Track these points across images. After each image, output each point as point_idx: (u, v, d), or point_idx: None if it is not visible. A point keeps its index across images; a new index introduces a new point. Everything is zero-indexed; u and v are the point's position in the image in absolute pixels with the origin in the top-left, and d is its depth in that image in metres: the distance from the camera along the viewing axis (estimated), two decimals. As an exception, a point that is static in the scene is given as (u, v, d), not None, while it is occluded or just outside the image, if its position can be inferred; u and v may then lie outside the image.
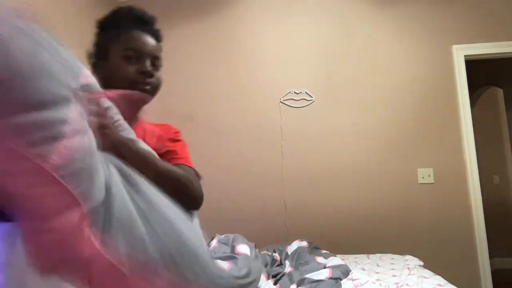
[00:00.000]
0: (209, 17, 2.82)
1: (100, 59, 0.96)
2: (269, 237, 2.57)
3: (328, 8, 2.69)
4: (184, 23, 2.83)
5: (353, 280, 1.53)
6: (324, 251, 2.06)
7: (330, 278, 1.53)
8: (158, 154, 0.87)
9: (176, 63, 2.81)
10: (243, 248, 1.71)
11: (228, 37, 2.78)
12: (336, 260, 1.77)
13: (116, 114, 0.75)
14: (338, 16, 2.68)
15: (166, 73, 3.17)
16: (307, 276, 1.56)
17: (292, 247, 2.06)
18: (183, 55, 2.81)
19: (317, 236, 2.51)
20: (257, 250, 1.83)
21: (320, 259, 1.83)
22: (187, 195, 0.85)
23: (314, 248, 2.08)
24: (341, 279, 1.54)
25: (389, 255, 2.08)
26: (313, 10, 2.70)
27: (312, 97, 2.65)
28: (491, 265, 2.46)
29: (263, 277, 1.62)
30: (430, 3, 2.60)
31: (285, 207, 2.60)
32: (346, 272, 1.63)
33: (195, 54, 2.80)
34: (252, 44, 2.75)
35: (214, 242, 1.66)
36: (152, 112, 3.33)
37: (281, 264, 1.94)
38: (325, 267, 1.70)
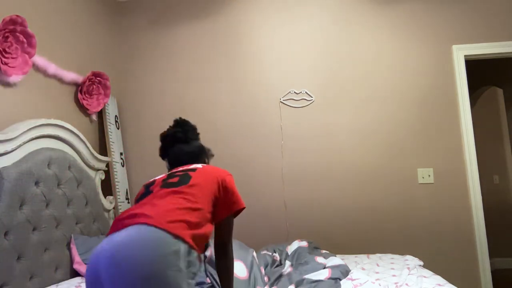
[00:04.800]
0: (209, 17, 2.82)
1: None
2: (269, 237, 2.57)
3: (328, 8, 2.69)
4: (184, 23, 2.83)
5: (352, 280, 1.53)
6: (324, 251, 2.06)
7: (330, 278, 1.53)
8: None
9: (176, 63, 2.81)
10: (237, 268, 1.46)
11: (228, 37, 2.78)
12: (336, 260, 1.77)
13: None
14: (338, 16, 2.68)
15: (166, 73, 3.17)
16: (307, 276, 1.56)
17: (292, 247, 2.06)
18: (183, 55, 2.81)
19: (317, 236, 2.51)
20: (255, 255, 1.79)
21: (320, 259, 1.83)
22: None
23: (314, 248, 2.08)
24: (340, 279, 1.54)
25: (389, 255, 2.08)
26: (313, 10, 2.70)
27: (312, 97, 2.65)
28: (491, 265, 2.46)
29: (261, 280, 1.61)
30: (430, 3, 2.60)
31: (285, 207, 2.60)
32: (345, 272, 1.63)
33: (195, 54, 2.80)
34: (252, 44, 2.75)
35: (208, 252, 1.55)
36: (152, 112, 3.32)
37: (281, 264, 1.93)
38: (324, 267, 1.70)
